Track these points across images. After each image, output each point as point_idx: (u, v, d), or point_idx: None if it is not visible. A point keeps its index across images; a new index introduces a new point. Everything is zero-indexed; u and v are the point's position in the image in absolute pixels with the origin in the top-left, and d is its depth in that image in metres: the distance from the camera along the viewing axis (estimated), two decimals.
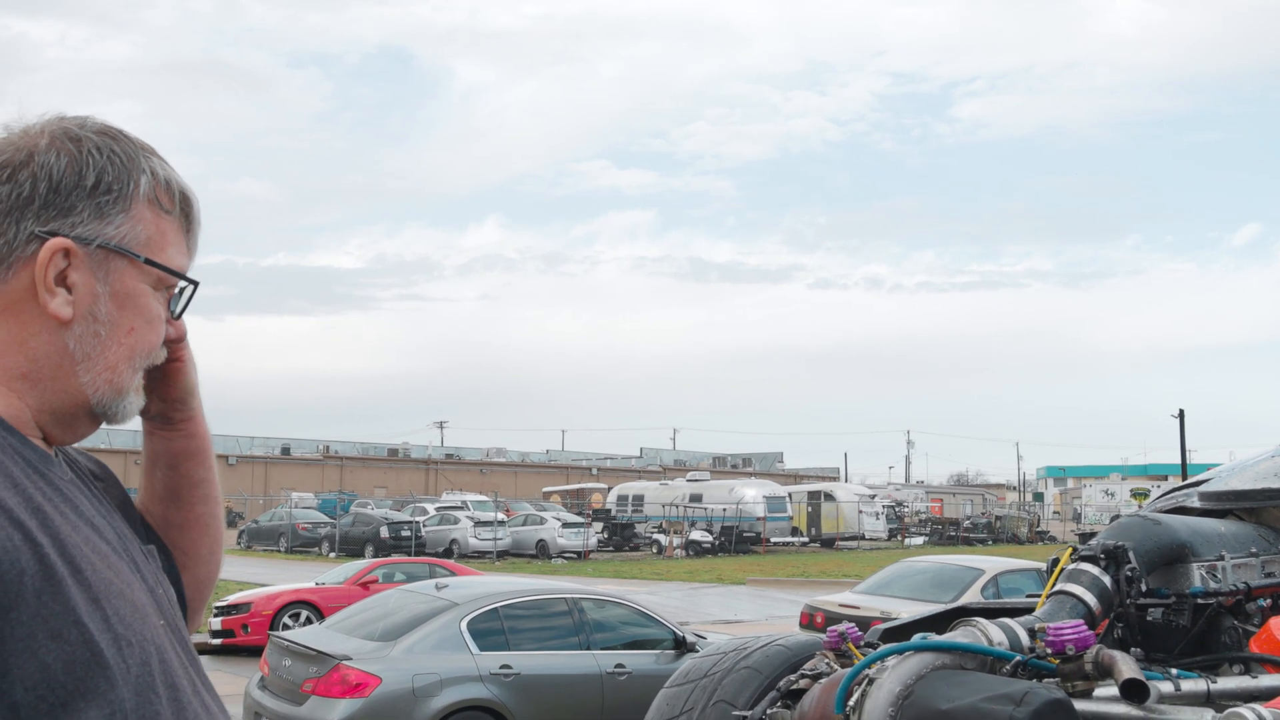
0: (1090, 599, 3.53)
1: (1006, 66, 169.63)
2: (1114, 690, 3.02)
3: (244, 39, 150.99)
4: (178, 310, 1.50)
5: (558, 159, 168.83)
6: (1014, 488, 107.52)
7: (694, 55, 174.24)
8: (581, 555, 41.60)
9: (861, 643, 3.63)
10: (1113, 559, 3.63)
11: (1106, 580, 3.59)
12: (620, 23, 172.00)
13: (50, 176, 1.37)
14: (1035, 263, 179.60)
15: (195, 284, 1.50)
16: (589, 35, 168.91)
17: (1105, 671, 3.03)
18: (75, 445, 1.52)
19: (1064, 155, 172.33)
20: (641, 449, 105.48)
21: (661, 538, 46.53)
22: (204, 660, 16.54)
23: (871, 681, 3.05)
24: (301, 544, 43.52)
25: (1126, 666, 2.97)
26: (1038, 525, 64.65)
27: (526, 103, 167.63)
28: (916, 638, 3.32)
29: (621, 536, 47.25)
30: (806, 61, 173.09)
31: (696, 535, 45.91)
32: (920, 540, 55.88)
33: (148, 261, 1.42)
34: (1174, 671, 3.36)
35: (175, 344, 1.54)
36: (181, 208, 1.49)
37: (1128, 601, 3.67)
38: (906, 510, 64.75)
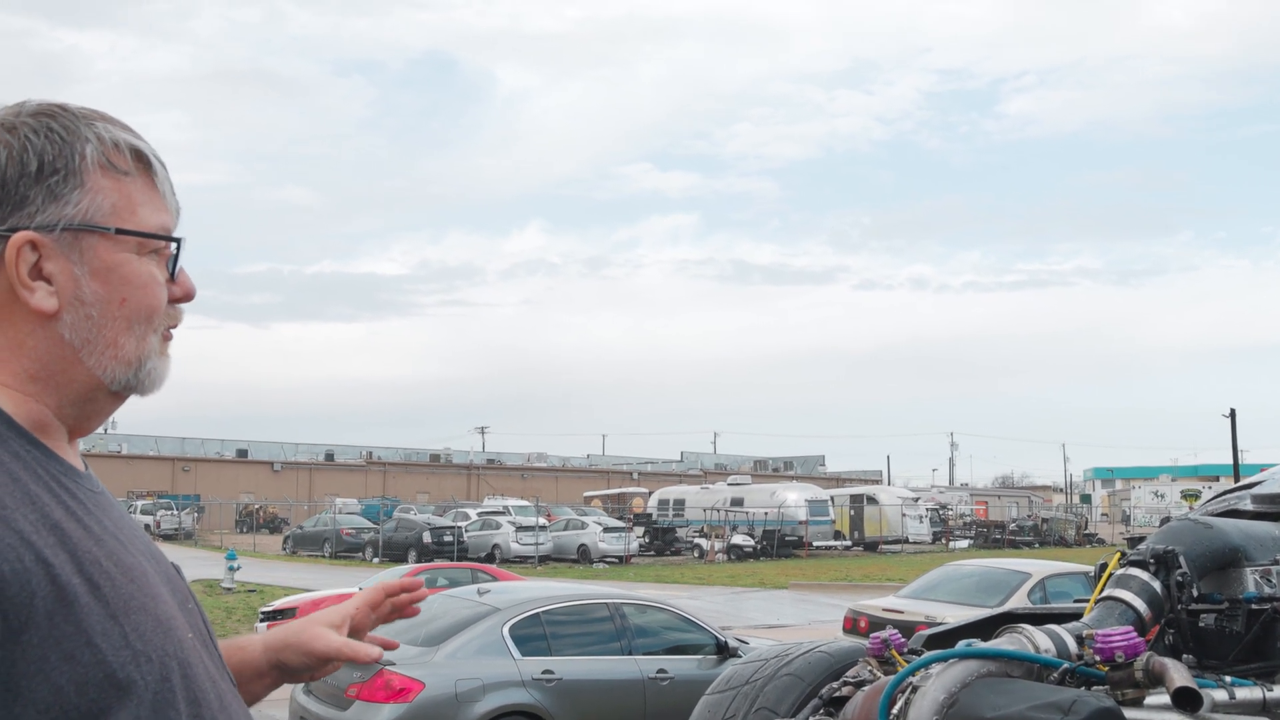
0: (1140, 605, 3.47)
1: (1055, 61, 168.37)
2: (1165, 699, 2.96)
3: (289, 47, 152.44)
4: (174, 274, 1.44)
5: (600, 162, 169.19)
6: (1060, 490, 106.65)
7: (737, 55, 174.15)
8: (623, 560, 41.60)
9: (905, 649, 3.58)
10: (1163, 564, 3.56)
11: (1156, 585, 3.52)
12: (662, 24, 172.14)
13: None
14: (1084, 261, 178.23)
15: (177, 241, 1.44)
16: (631, 37, 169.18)
17: (1156, 679, 2.97)
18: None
19: (1114, 150, 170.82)
20: (682, 453, 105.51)
21: (703, 542, 46.47)
22: None
23: (915, 689, 3.00)
24: (345, 549, 43.79)
25: (1178, 674, 2.91)
26: (1085, 528, 64.07)
27: (569, 106, 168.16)
28: (961, 644, 3.27)
29: (663, 541, 47.23)
30: (851, 60, 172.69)
31: (738, 539, 45.81)
32: (965, 544, 55.46)
33: (118, 231, 1.37)
34: (1228, 679, 3.29)
35: (181, 302, 1.47)
36: (139, 164, 1.42)
37: (1179, 607, 3.60)
38: (950, 513, 64.35)
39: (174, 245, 1.45)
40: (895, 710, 3.00)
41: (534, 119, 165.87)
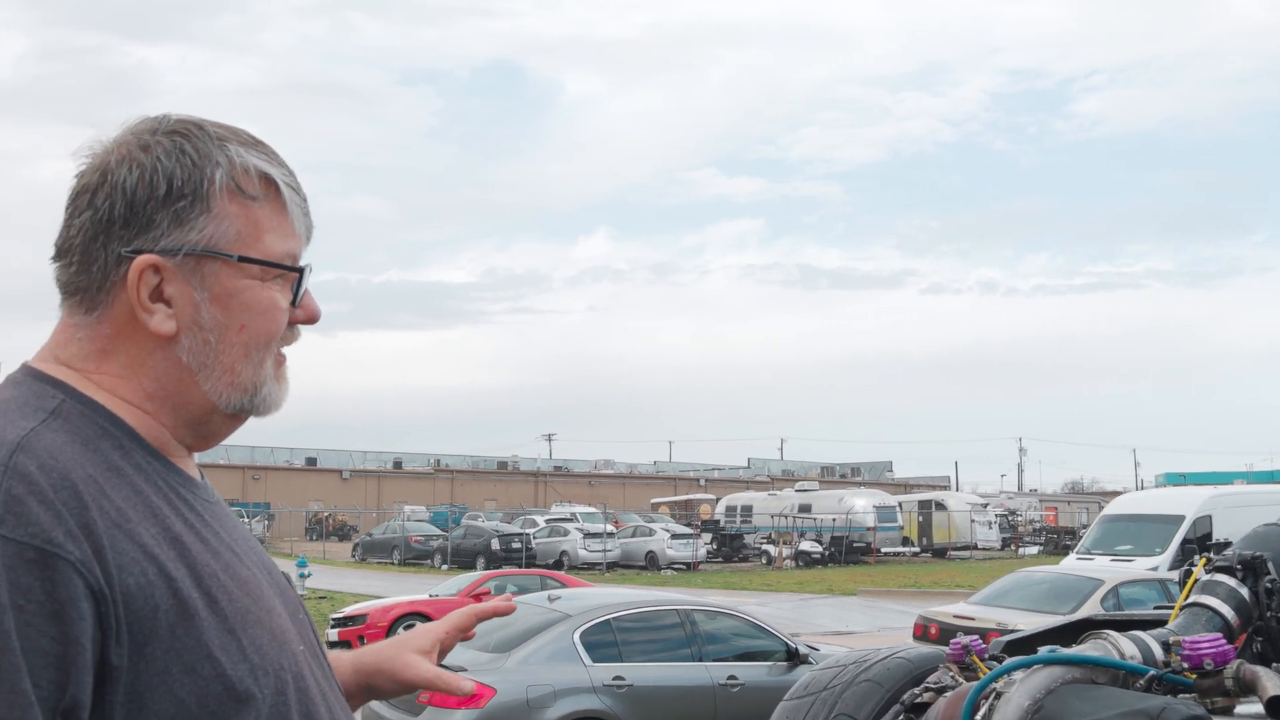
0: (1227, 611, 3.40)
1: (1128, 59, 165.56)
2: (1257, 708, 2.90)
3: (357, 58, 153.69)
4: (297, 299, 1.42)
5: (667, 168, 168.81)
6: None
7: (804, 59, 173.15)
8: (690, 566, 41.57)
9: (986, 655, 3.54)
10: (1250, 570, 3.49)
11: (1244, 592, 3.45)
12: (729, 29, 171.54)
13: (124, 194, 1.32)
14: (1155, 262, 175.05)
15: (299, 271, 1.41)
16: (698, 42, 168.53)
17: (1248, 688, 2.91)
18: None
19: (1188, 149, 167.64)
20: (749, 459, 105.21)
21: (771, 548, 46.31)
22: None
23: (999, 695, 2.96)
24: (414, 556, 44.12)
25: (1271, 683, 2.85)
26: None
27: (635, 112, 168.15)
28: (1044, 650, 3.23)
29: (730, 547, 47.12)
30: (919, 62, 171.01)
31: (806, 546, 45.60)
32: (1034, 550, 54.80)
33: (241, 258, 1.36)
34: None
35: (303, 324, 1.46)
36: (269, 189, 1.40)
37: (1267, 614, 3.53)
38: (1020, 519, 63.54)
39: (305, 271, 1.43)
40: (979, 716, 2.96)
41: (601, 126, 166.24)
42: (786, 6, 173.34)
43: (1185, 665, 3.01)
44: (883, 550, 48.16)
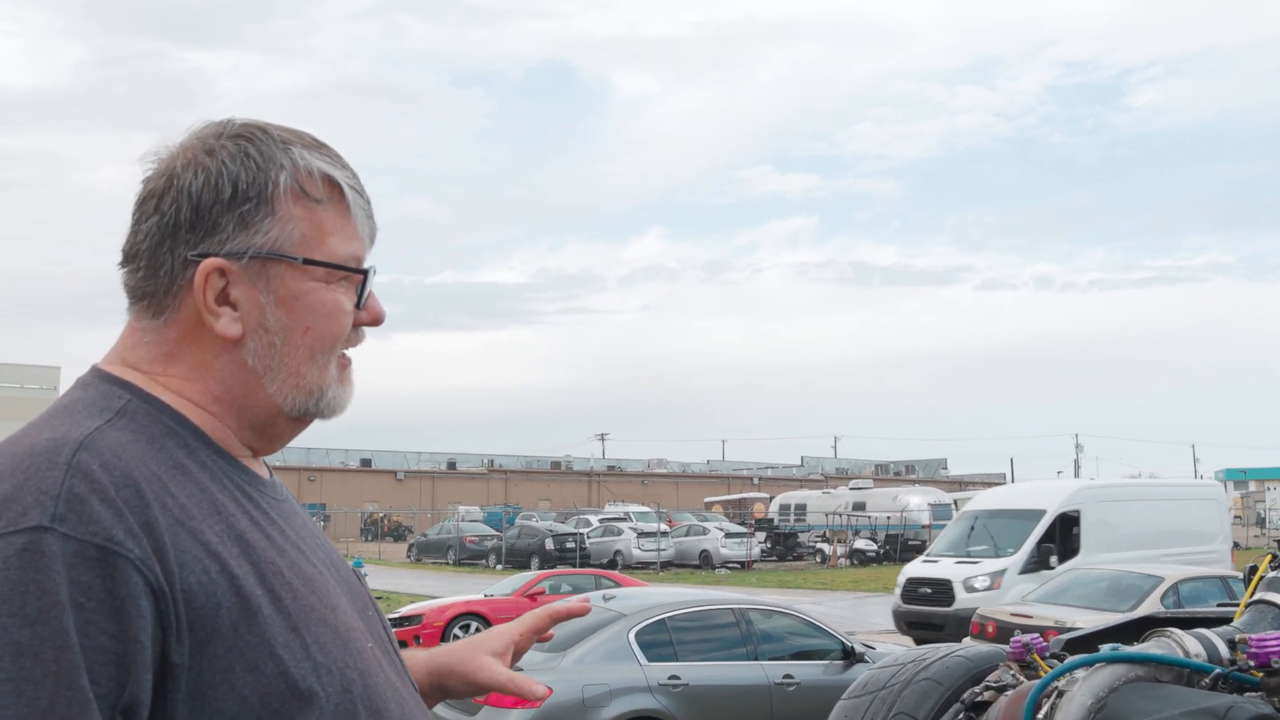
0: None
1: (1187, 49, 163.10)
2: None
3: (408, 60, 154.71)
4: (361, 301, 1.43)
5: (719, 167, 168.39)
6: None
7: (856, 55, 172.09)
8: (745, 565, 41.49)
9: (1047, 654, 3.50)
10: None
11: None
12: (780, 25, 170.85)
13: (190, 197, 1.33)
14: (1216, 256, 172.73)
15: (363, 273, 1.42)
16: (748, 39, 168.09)
17: None
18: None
19: (1249, 141, 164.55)
20: (802, 457, 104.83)
21: (825, 547, 46.12)
22: None
23: (1061, 694, 2.93)
24: (469, 557, 44.33)
25: None
26: None
27: (687, 111, 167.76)
28: (1106, 648, 3.19)
29: (785, 546, 46.99)
30: (973, 56, 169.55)
31: (861, 544, 45.37)
32: None
33: (306, 261, 1.36)
34: None
35: (368, 326, 1.47)
36: (333, 191, 1.40)
37: None
38: None
39: (369, 273, 1.44)
40: (1041, 715, 2.94)
41: (652, 125, 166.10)
42: (836, 2, 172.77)
43: (1251, 663, 2.97)
44: None
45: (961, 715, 3.49)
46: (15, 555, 1.12)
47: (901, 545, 45.48)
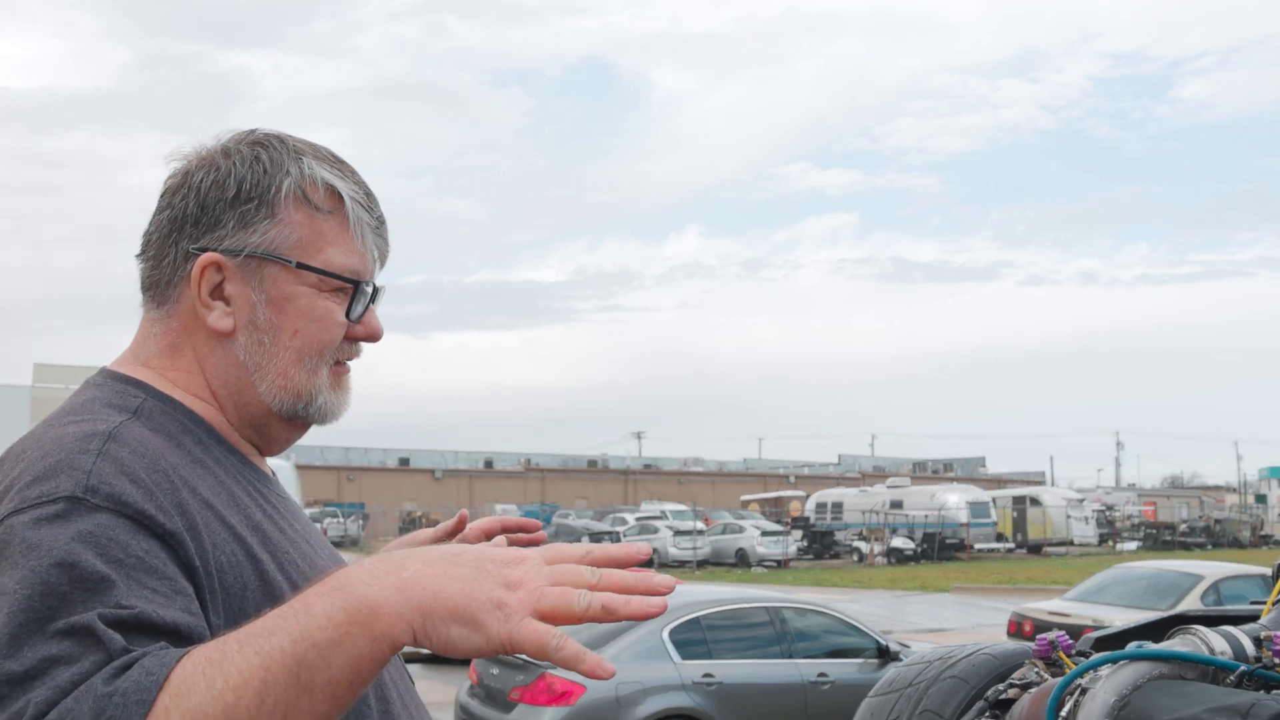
0: None
1: (1238, 39, 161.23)
2: None
3: (448, 59, 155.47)
4: (354, 314, 1.47)
5: (759, 163, 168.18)
6: (1234, 489, 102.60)
7: (897, 49, 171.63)
8: (781, 564, 41.42)
9: (1073, 651, 3.50)
10: None
11: None
12: (820, 20, 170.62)
13: (199, 194, 1.40)
14: (1264, 249, 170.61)
15: (354, 284, 1.46)
16: (789, 34, 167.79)
17: None
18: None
19: None
20: (839, 455, 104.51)
21: (862, 545, 46.00)
22: (416, 669, 16.86)
23: (1084, 691, 2.93)
24: None
25: None
26: (1261, 528, 61.54)
27: (727, 108, 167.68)
28: (1131, 646, 3.19)
29: (821, 544, 46.89)
30: (1017, 48, 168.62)
31: (898, 542, 45.23)
32: (1133, 545, 53.77)
33: (299, 265, 1.41)
34: None
35: (364, 341, 1.51)
36: (337, 204, 1.45)
37: None
38: (1117, 514, 62.42)
39: (366, 288, 1.47)
40: (1064, 713, 2.94)
41: (693, 122, 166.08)
42: None
43: (1277, 660, 2.96)
44: (976, 547, 47.61)
45: (986, 713, 3.49)
46: (48, 518, 1.15)
47: (939, 544, 45.32)
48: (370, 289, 1.48)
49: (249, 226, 1.40)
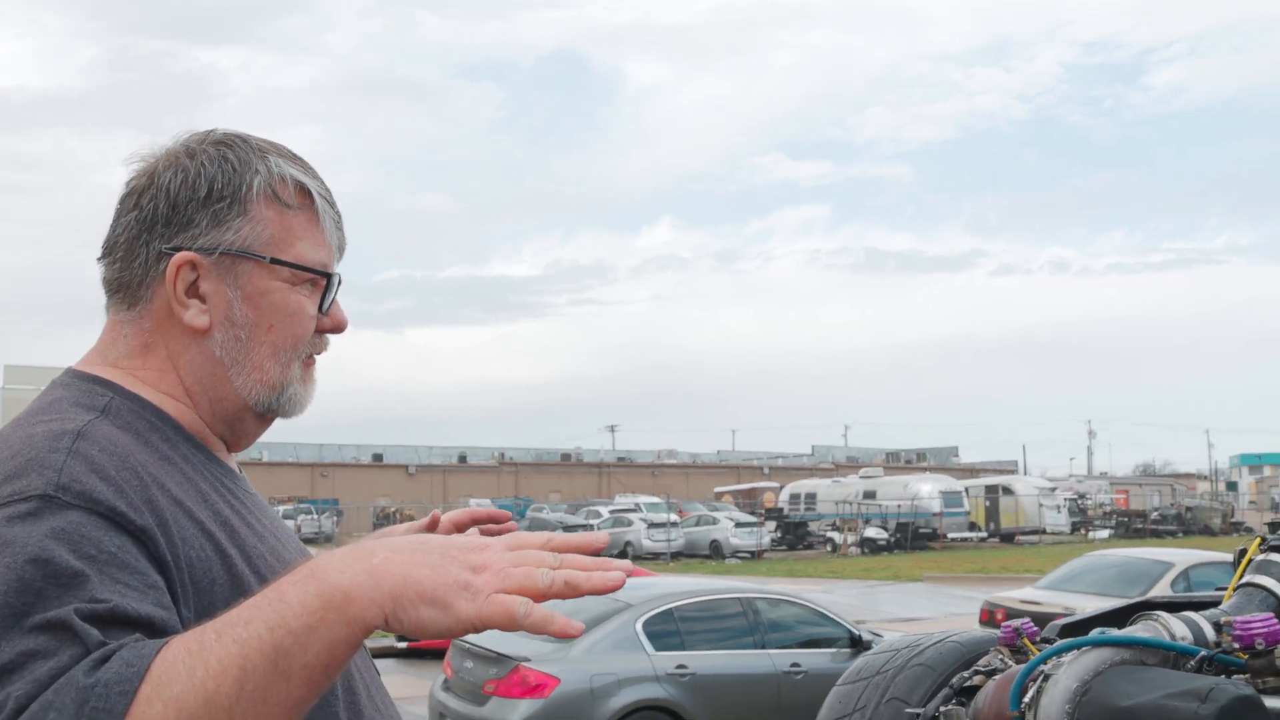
0: None
1: (1208, 25, 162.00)
2: None
3: (420, 54, 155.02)
4: (324, 306, 1.51)
5: (731, 155, 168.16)
6: (1205, 477, 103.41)
7: (869, 39, 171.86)
8: (755, 555, 41.52)
9: (1038, 638, 3.54)
10: None
11: None
12: (792, 10, 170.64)
13: (168, 194, 1.42)
14: (1234, 236, 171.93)
15: (327, 276, 1.50)
16: (762, 25, 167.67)
17: None
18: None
19: (1270, 117, 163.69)
20: (813, 446, 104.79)
21: (835, 535, 46.14)
22: (389, 664, 16.81)
23: (1047, 678, 2.97)
24: None
25: None
26: (1232, 516, 61.98)
27: (700, 99, 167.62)
28: (1094, 632, 3.23)
29: (795, 535, 46.99)
30: (989, 37, 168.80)
31: (871, 532, 45.40)
32: (1105, 534, 54.08)
33: (273, 260, 1.44)
34: None
35: (330, 332, 1.55)
36: (305, 200, 1.49)
37: None
38: (1089, 503, 62.78)
39: (332, 279, 1.51)
40: (1027, 699, 2.98)
41: (666, 114, 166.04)
42: None
43: (1236, 645, 3.00)
44: (949, 536, 47.82)
45: (952, 700, 3.53)
46: (20, 516, 1.16)
47: (912, 533, 45.53)
48: (339, 281, 1.52)
49: (222, 225, 1.42)
